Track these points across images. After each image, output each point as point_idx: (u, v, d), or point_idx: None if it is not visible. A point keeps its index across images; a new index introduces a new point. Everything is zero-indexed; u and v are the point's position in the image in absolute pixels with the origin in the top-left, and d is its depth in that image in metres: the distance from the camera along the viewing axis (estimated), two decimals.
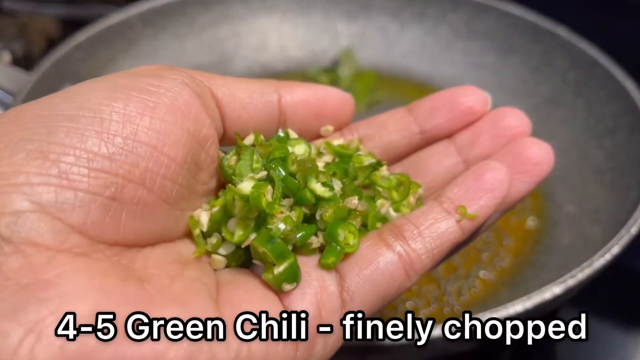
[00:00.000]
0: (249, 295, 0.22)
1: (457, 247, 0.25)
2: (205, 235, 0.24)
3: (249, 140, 0.25)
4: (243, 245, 0.23)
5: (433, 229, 0.24)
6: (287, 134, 0.26)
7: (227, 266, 0.24)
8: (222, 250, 0.23)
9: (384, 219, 0.26)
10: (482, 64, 0.61)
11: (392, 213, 0.26)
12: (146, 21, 0.60)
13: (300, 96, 0.27)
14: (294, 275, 0.22)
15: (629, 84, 0.49)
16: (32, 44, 0.68)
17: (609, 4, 0.73)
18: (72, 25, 0.65)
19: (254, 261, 0.23)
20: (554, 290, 0.32)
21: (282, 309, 0.22)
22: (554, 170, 0.27)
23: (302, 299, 0.22)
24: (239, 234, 0.23)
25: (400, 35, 0.64)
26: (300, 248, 0.23)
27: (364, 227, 0.25)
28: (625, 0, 0.72)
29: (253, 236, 0.22)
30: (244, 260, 0.24)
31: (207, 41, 0.63)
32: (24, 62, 0.65)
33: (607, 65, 0.51)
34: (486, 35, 0.61)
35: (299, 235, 0.23)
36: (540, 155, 0.26)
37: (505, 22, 0.60)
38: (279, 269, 0.22)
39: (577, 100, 0.54)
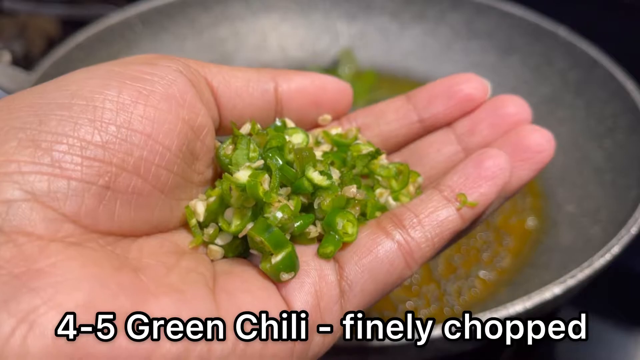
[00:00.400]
0: (246, 285, 0.21)
1: (458, 236, 0.25)
2: (202, 226, 0.23)
3: (245, 129, 0.25)
4: (240, 235, 0.22)
5: (433, 218, 0.23)
6: (284, 123, 0.26)
7: (225, 256, 0.23)
8: (219, 241, 0.23)
9: (383, 208, 0.26)
10: (482, 64, 0.61)
11: (392, 202, 0.26)
12: (146, 21, 0.60)
13: (298, 85, 0.26)
14: (292, 265, 0.22)
15: (629, 84, 0.49)
16: (32, 44, 0.68)
17: (609, 4, 0.73)
18: (72, 25, 0.65)
19: (252, 251, 0.23)
20: (554, 290, 0.32)
21: (283, 309, 0.21)
22: (554, 170, 0.26)
23: (300, 288, 0.22)
24: (236, 223, 0.22)
25: (400, 35, 0.64)
26: (298, 237, 0.23)
27: (363, 217, 0.25)
28: (625, 0, 0.72)
29: (250, 225, 0.22)
30: (241, 250, 0.23)
31: (207, 41, 0.63)
32: (24, 62, 0.65)
33: (607, 65, 0.51)
34: (486, 35, 0.61)
35: (296, 224, 0.23)
36: (541, 143, 0.26)
37: (505, 22, 0.60)
38: (277, 258, 0.21)
39: (577, 100, 0.54)
